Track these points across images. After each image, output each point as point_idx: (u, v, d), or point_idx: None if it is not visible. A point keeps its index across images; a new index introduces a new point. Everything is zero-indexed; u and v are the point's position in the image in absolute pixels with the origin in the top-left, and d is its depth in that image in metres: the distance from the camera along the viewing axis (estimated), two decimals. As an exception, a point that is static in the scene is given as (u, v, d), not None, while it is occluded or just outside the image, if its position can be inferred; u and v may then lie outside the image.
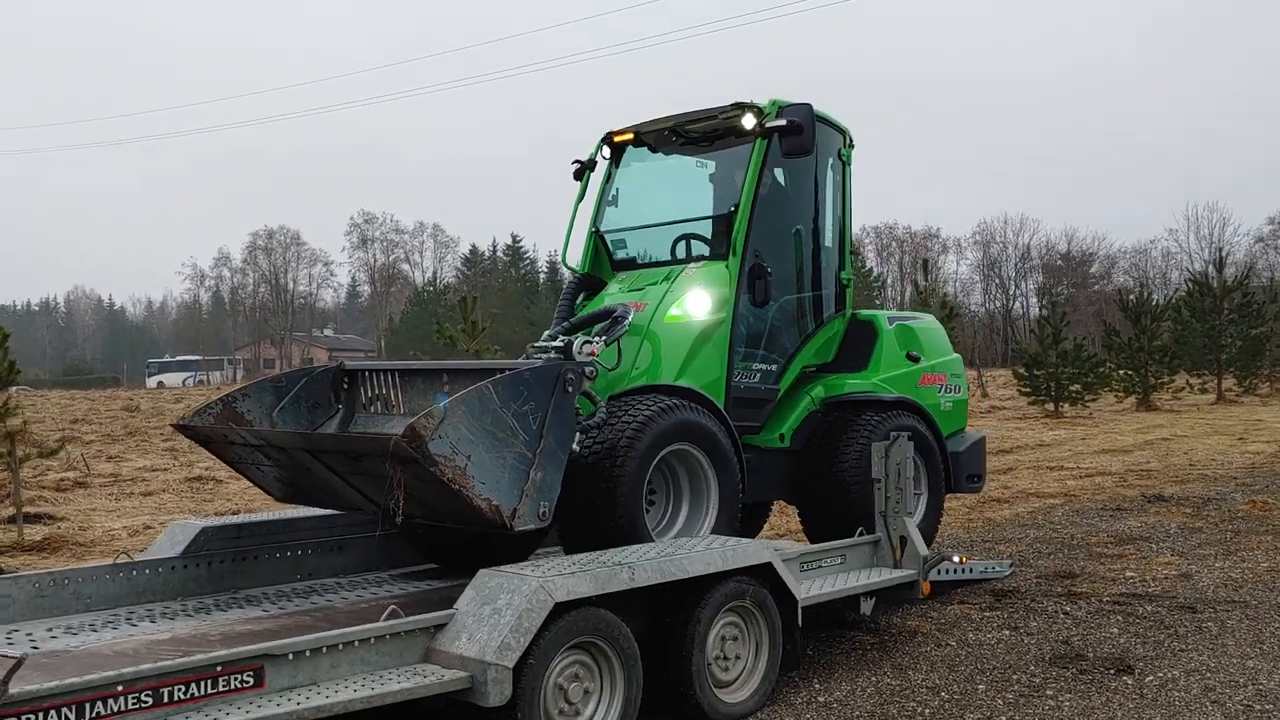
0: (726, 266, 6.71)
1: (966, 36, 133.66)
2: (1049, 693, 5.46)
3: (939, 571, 7.52)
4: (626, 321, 6.55)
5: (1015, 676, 5.72)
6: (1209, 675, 5.68)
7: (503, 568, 4.66)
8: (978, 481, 8.07)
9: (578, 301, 7.40)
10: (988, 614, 7.00)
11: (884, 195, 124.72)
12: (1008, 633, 6.55)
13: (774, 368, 7.05)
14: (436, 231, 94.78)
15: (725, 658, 5.20)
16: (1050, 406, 23.76)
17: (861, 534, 6.55)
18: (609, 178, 7.76)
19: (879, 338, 7.59)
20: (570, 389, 5.16)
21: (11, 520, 10.51)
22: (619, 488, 5.54)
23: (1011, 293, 76.68)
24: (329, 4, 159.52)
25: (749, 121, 6.88)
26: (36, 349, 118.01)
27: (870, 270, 71.68)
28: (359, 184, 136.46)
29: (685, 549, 5.11)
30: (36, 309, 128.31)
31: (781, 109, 6.81)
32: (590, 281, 7.44)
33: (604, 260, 7.61)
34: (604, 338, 6.31)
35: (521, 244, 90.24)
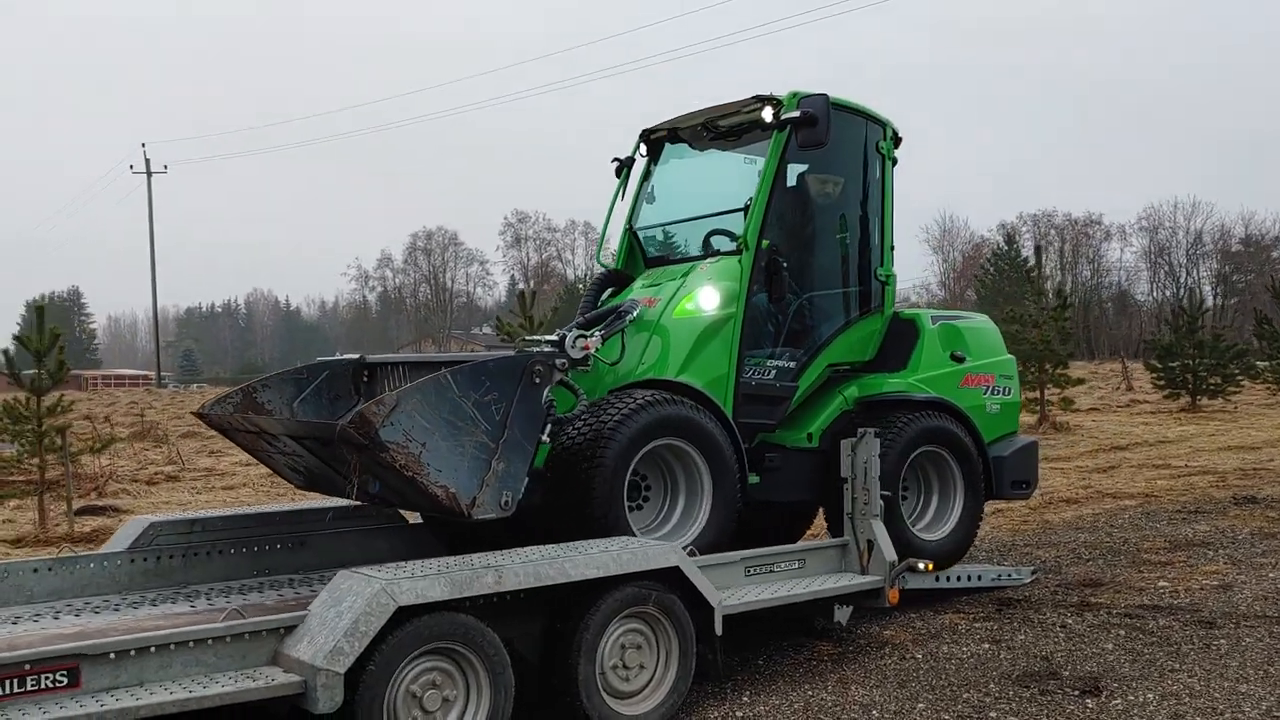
0: (739, 262, 6.55)
1: (1134, 12, 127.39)
2: (992, 715, 4.99)
3: (951, 579, 7.07)
4: (628, 317, 6.53)
5: (966, 695, 5.25)
6: (1186, 701, 5.09)
7: (361, 568, 4.50)
8: (1026, 488, 7.64)
9: (603, 297, 7.34)
10: (978, 625, 6.49)
11: (1039, 182, 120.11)
12: (987, 646, 6.05)
13: (792, 364, 6.84)
14: (587, 229, 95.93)
15: (625, 666, 4.92)
16: (1187, 400, 22.25)
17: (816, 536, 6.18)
18: (647, 175, 7.73)
19: (920, 337, 7.35)
20: (538, 380, 5.12)
21: (79, 512, 10.97)
22: (596, 482, 5.49)
23: (1183, 280, 72.57)
24: None
25: (767, 114, 6.73)
26: (219, 348, 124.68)
27: (1025, 260, 68.90)
28: (512, 183, 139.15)
29: (577, 551, 4.85)
30: (220, 310, 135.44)
31: (800, 101, 6.59)
32: (618, 278, 7.41)
33: (638, 258, 7.57)
34: (601, 332, 6.25)
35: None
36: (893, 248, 7.38)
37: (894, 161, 7.39)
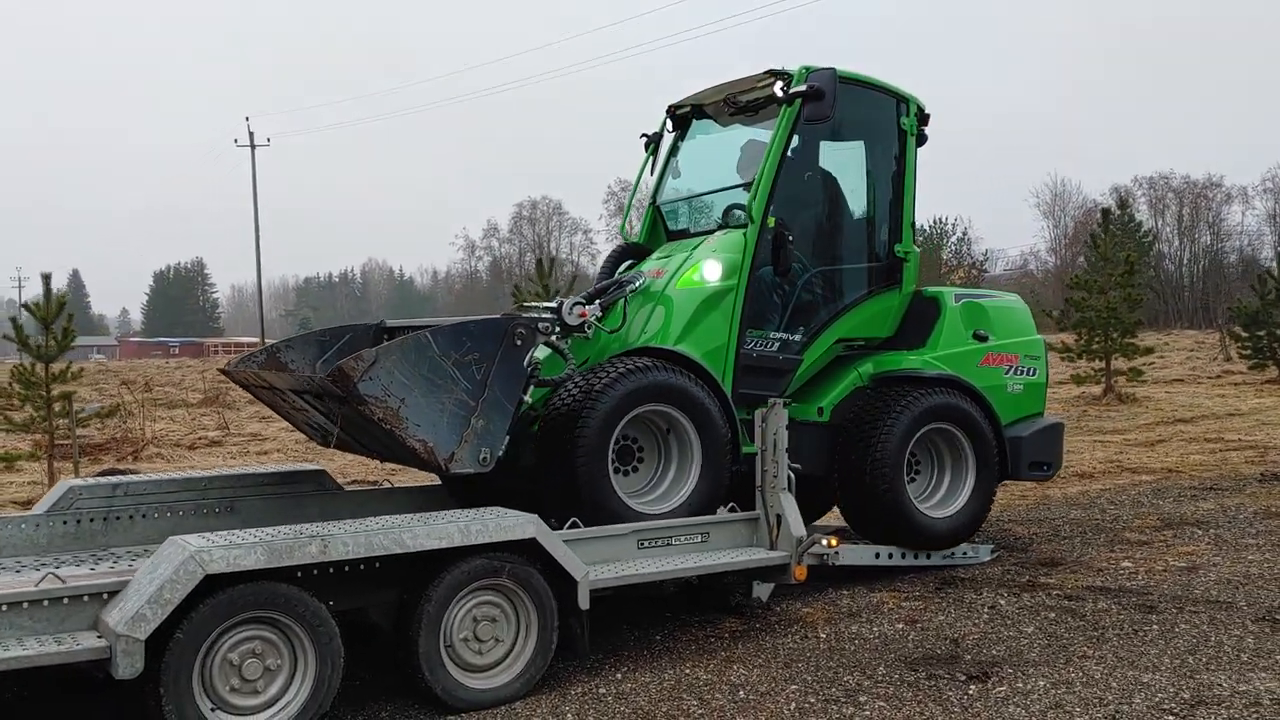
0: (744, 234, 6.57)
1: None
2: (862, 699, 4.75)
3: (894, 557, 6.82)
4: (629, 288, 6.66)
5: (846, 678, 5.02)
6: (1078, 689, 4.78)
7: (187, 535, 4.48)
8: (1047, 470, 7.48)
9: (621, 269, 7.45)
10: (906, 604, 6.22)
11: (1158, 144, 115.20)
12: (901, 626, 5.78)
13: (798, 338, 6.84)
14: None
15: (479, 639, 4.83)
16: (1275, 371, 21.06)
17: (733, 508, 6.00)
18: (674, 150, 7.80)
19: (941, 315, 7.29)
20: (519, 343, 5.29)
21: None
22: (579, 445, 5.61)
23: (1312, 245, 68.74)
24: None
25: (777, 89, 6.73)
26: (336, 318, 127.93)
27: (1139, 225, 66.24)
28: (615, 152, 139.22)
29: (421, 521, 4.76)
30: (337, 280, 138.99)
31: (808, 75, 6.59)
32: (637, 250, 7.51)
33: (660, 232, 7.67)
34: (601, 301, 6.45)
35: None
36: (913, 224, 7.33)
37: (920, 138, 7.33)
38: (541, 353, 5.97)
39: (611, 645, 5.62)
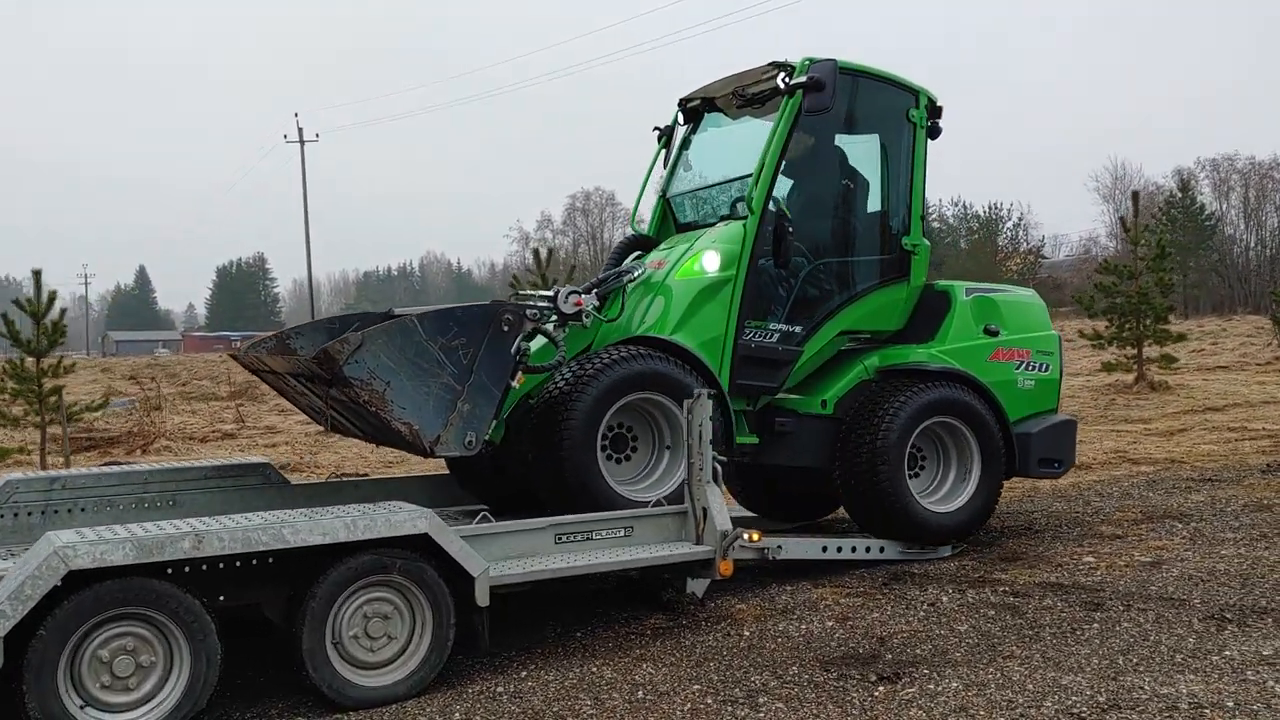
0: (744, 226, 6.56)
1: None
2: (761, 701, 4.59)
3: (845, 551, 6.65)
4: (627, 278, 6.75)
5: (754, 679, 4.85)
6: (990, 691, 4.57)
7: (63, 532, 4.43)
8: (1057, 466, 7.40)
9: (628, 261, 7.46)
10: (844, 600, 6.02)
11: (1219, 124, 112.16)
12: (831, 624, 5.59)
13: (798, 329, 6.82)
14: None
15: (370, 636, 4.73)
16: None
17: (659, 502, 5.86)
18: (685, 143, 7.84)
19: (951, 309, 7.24)
20: (507, 328, 5.36)
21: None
22: (566, 433, 5.69)
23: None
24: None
25: (779, 79, 6.76)
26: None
27: (1202, 208, 64.63)
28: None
29: (306, 516, 4.67)
30: (396, 274, 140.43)
31: (809, 66, 6.60)
32: (644, 242, 7.53)
33: (670, 224, 7.70)
34: (597, 290, 6.55)
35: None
36: (923, 217, 7.28)
37: (929, 131, 7.28)
38: (539, 343, 6.09)
39: (528, 641, 5.51)
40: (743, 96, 7.17)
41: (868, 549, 6.67)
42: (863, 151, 7.23)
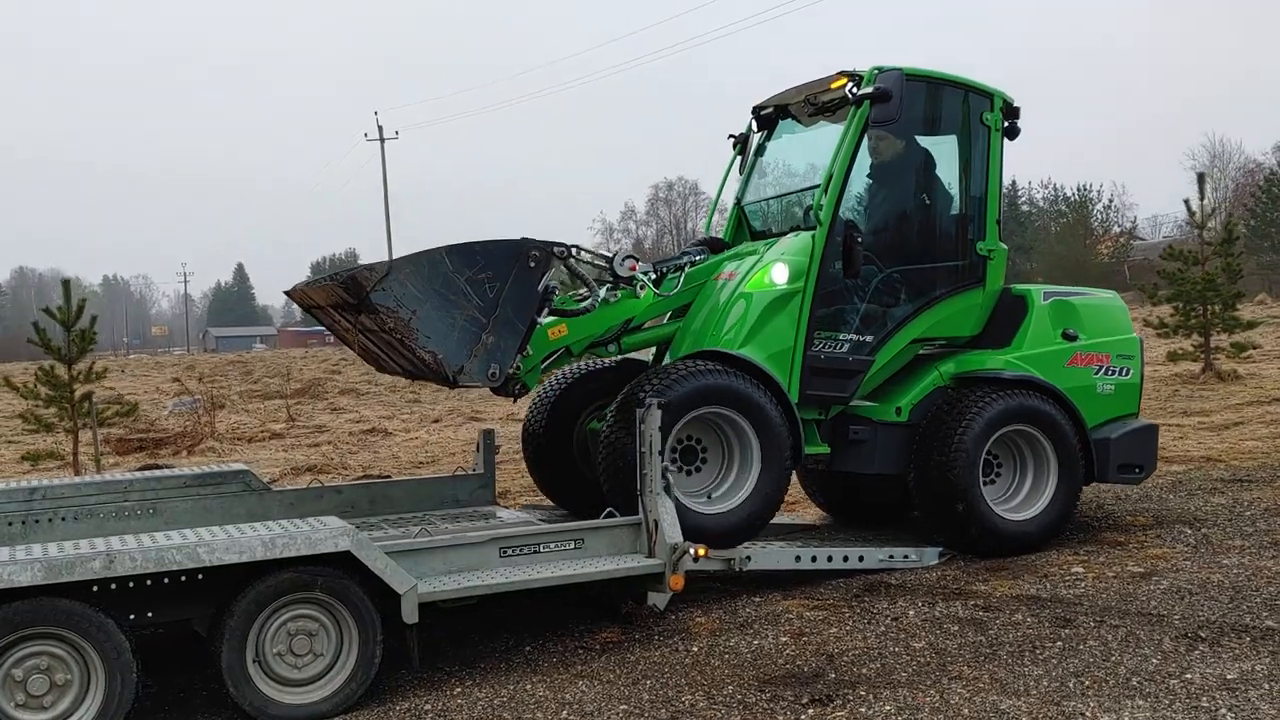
0: (813, 237, 6.56)
1: None
2: (683, 722, 4.47)
3: (819, 560, 6.47)
4: (685, 259, 6.97)
5: (685, 698, 4.73)
6: (924, 715, 4.39)
7: (-18, 551, 4.49)
8: (1138, 472, 7.29)
9: (691, 244, 7.62)
10: (809, 613, 5.84)
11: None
12: (784, 640, 5.42)
13: (869, 339, 6.82)
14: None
15: (295, 654, 4.72)
16: None
17: (610, 514, 5.76)
18: (760, 150, 7.86)
19: (1029, 314, 7.15)
20: (534, 265, 5.53)
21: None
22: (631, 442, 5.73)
23: None
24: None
25: (848, 89, 6.73)
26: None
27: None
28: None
29: (223, 534, 4.66)
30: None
31: (876, 75, 6.59)
32: (715, 244, 7.51)
33: (745, 232, 7.71)
34: (656, 264, 6.80)
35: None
36: (998, 221, 7.16)
37: (1006, 132, 7.19)
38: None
39: (472, 656, 5.44)
40: (814, 104, 7.18)
41: (845, 558, 6.47)
42: (936, 157, 7.14)
